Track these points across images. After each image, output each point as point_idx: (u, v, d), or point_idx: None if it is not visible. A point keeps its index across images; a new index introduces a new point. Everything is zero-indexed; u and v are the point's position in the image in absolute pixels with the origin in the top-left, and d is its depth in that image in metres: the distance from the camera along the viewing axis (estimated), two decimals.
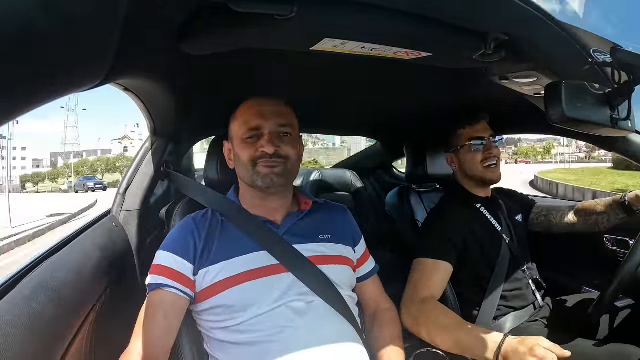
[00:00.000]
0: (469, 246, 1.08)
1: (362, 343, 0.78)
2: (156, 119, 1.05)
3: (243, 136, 0.80)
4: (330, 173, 2.12)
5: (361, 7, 0.59)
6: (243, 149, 0.80)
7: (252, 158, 0.79)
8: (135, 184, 1.07)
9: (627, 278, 0.90)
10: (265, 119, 0.79)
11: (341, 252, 0.85)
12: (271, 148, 0.77)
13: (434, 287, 0.98)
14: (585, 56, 0.70)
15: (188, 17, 0.62)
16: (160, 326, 0.71)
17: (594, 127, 0.72)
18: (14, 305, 0.53)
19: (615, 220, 1.09)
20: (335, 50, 0.71)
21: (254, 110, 0.81)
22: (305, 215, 0.85)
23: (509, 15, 0.61)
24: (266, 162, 0.78)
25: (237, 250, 0.76)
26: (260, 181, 0.78)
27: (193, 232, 0.78)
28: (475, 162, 1.15)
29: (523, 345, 0.72)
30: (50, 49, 0.30)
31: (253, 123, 0.79)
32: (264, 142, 0.78)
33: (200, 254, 0.75)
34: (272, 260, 0.76)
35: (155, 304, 0.72)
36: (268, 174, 0.78)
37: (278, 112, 0.81)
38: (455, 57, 0.75)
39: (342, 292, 0.79)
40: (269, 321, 0.71)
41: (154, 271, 0.74)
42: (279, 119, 0.80)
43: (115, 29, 0.42)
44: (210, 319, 0.75)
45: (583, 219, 1.15)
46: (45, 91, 0.32)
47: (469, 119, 1.17)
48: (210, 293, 0.73)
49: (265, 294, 0.73)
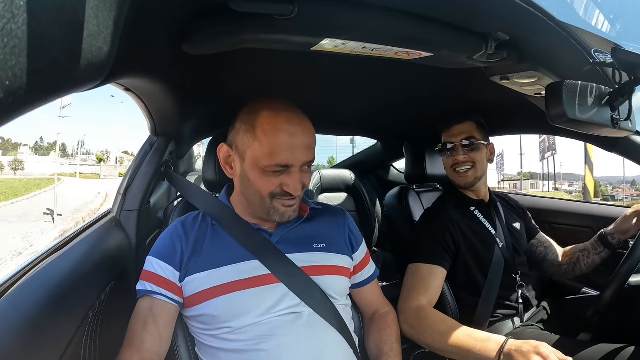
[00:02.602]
0: (460, 248, 1.08)
1: (354, 354, 0.77)
2: (157, 119, 1.05)
3: (266, 168, 0.71)
4: (331, 173, 2.12)
5: (362, 8, 0.59)
6: (262, 180, 0.72)
7: (272, 193, 0.73)
8: (136, 184, 1.07)
9: (627, 278, 0.90)
10: (295, 156, 0.70)
11: (336, 262, 0.82)
12: (298, 189, 0.73)
13: (429, 292, 0.98)
14: (586, 56, 0.70)
15: (189, 17, 0.62)
16: (152, 334, 0.70)
17: (595, 127, 0.73)
18: (14, 305, 0.53)
19: (595, 257, 1.11)
20: (335, 51, 0.71)
21: (284, 142, 0.69)
22: (301, 222, 0.83)
23: (510, 15, 0.61)
24: (286, 202, 0.74)
25: (226, 258, 0.74)
26: (277, 217, 0.75)
27: (180, 237, 0.76)
28: (447, 166, 1.19)
29: (527, 344, 0.73)
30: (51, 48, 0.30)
31: (282, 159, 0.70)
32: (290, 181, 0.72)
33: (187, 261, 0.74)
34: (264, 270, 0.74)
35: (144, 311, 0.72)
36: (286, 212, 0.75)
37: (309, 146, 0.73)
38: (457, 58, 0.75)
39: (335, 303, 0.78)
40: (256, 330, 0.70)
41: (143, 277, 0.74)
42: (308, 156, 0.72)
43: (116, 29, 0.42)
44: (197, 326, 0.75)
45: (568, 258, 1.18)
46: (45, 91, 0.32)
47: (445, 124, 1.19)
48: (196, 301, 0.72)
49: (255, 305, 0.71)
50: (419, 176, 1.45)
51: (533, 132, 1.45)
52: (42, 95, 0.32)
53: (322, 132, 1.93)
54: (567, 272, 1.17)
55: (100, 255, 0.81)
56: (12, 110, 0.28)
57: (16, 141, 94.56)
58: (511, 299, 1.07)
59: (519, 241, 1.17)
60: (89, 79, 0.41)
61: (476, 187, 1.16)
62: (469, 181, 1.14)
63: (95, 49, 0.38)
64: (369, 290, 0.91)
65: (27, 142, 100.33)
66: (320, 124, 1.67)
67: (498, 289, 1.05)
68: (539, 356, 0.69)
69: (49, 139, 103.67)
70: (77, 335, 0.61)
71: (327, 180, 2.08)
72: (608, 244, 1.08)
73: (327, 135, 2.07)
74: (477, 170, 1.13)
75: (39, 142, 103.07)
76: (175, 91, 0.92)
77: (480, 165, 1.13)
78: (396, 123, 1.69)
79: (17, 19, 0.25)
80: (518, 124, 1.43)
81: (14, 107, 0.28)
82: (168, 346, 0.73)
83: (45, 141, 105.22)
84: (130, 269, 0.94)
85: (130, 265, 0.95)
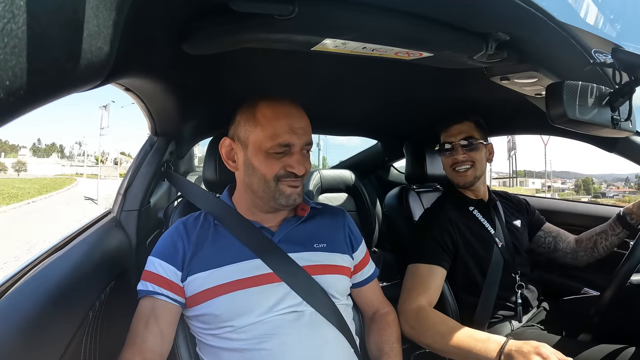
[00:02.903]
0: (458, 248, 1.07)
1: (355, 353, 0.77)
2: (157, 119, 1.05)
3: (269, 150, 0.74)
4: (331, 173, 2.12)
5: (362, 8, 0.58)
6: (266, 163, 0.75)
7: (276, 175, 0.75)
8: (136, 184, 1.07)
9: (627, 278, 0.90)
10: (297, 137, 0.75)
11: (337, 261, 0.82)
12: (302, 169, 0.75)
13: (429, 292, 0.98)
14: (586, 57, 0.70)
15: (189, 17, 0.62)
16: (154, 333, 0.71)
17: (595, 127, 0.73)
18: (14, 305, 0.53)
19: (614, 238, 1.10)
20: (336, 51, 0.71)
21: (284, 123, 0.74)
22: (301, 222, 0.83)
23: (510, 15, 0.61)
24: (291, 182, 0.76)
25: (228, 257, 0.75)
26: (283, 200, 0.76)
27: (182, 237, 0.77)
28: (447, 166, 1.19)
29: (528, 344, 0.73)
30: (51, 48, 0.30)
31: (284, 139, 0.74)
32: (293, 162, 0.75)
33: (189, 260, 0.75)
34: (266, 269, 0.74)
35: (146, 311, 0.72)
36: (292, 194, 0.77)
37: (306, 129, 0.77)
38: (457, 58, 0.75)
39: (336, 302, 0.78)
40: (258, 329, 0.70)
41: (144, 277, 0.74)
42: (308, 137, 0.77)
43: (116, 29, 0.42)
44: (199, 325, 0.75)
45: (584, 244, 1.17)
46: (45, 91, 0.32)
47: (444, 124, 1.19)
48: (198, 300, 0.73)
49: (257, 303, 0.72)
50: (419, 176, 1.45)
51: (533, 132, 1.45)
52: (42, 95, 0.32)
53: (322, 132, 1.93)
54: (584, 258, 1.16)
55: (100, 255, 0.81)
56: (12, 110, 0.28)
57: (13, 143, 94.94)
58: (510, 299, 1.07)
59: (519, 240, 1.17)
60: (89, 79, 0.41)
61: (475, 187, 1.16)
62: (469, 180, 1.14)
63: (95, 49, 0.37)
64: (369, 289, 0.91)
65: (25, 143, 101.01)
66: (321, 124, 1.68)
67: (497, 288, 1.05)
68: (540, 356, 0.69)
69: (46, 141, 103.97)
70: (77, 335, 0.61)
71: (327, 181, 2.08)
72: (627, 224, 1.07)
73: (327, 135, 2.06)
74: (477, 170, 1.13)
75: (36, 144, 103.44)
76: (175, 91, 0.92)
77: (480, 165, 1.14)
78: (396, 123, 1.69)
79: (17, 19, 0.25)
80: (518, 124, 1.43)
81: (14, 107, 0.28)
82: (170, 346, 0.74)
83: (43, 142, 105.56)
84: (130, 269, 0.94)
85: (130, 266, 0.95)
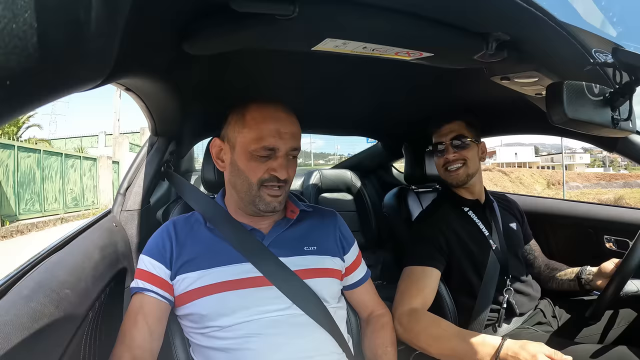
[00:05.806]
0: (452, 249, 1.07)
1: (347, 355, 0.77)
2: (157, 119, 1.05)
3: (254, 152, 0.74)
4: (331, 173, 2.12)
5: (363, 7, 0.58)
6: (249, 165, 0.75)
7: (260, 179, 0.75)
8: (136, 184, 1.07)
9: (627, 278, 0.90)
10: (282, 141, 0.75)
11: (327, 264, 0.82)
12: (284, 173, 0.75)
13: (423, 294, 0.97)
14: (587, 56, 0.70)
15: (190, 17, 0.62)
16: (142, 330, 0.71)
17: (595, 127, 0.72)
18: (13, 305, 0.52)
19: (564, 286, 1.12)
20: (336, 51, 0.70)
21: (270, 127, 0.74)
22: (291, 224, 0.83)
23: (510, 15, 0.61)
24: (272, 190, 0.76)
25: (219, 260, 0.75)
26: (262, 205, 0.76)
27: (170, 236, 0.77)
28: (439, 166, 1.18)
29: (524, 350, 0.71)
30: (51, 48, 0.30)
31: (269, 142, 0.74)
32: (276, 165, 0.75)
33: (176, 259, 0.75)
34: (256, 273, 0.75)
35: (136, 308, 0.73)
36: (271, 201, 0.76)
37: (294, 134, 0.77)
38: (457, 57, 0.75)
39: (327, 306, 0.78)
40: (245, 329, 0.71)
41: (136, 275, 0.76)
42: (294, 142, 0.77)
43: (116, 29, 0.42)
44: (188, 324, 0.76)
45: (549, 271, 1.20)
46: (46, 91, 0.32)
47: (435, 124, 1.19)
48: (186, 299, 0.73)
49: (244, 305, 0.72)
50: (418, 177, 1.45)
51: (533, 132, 1.45)
52: (42, 95, 0.32)
53: (322, 132, 1.93)
54: (543, 282, 1.20)
55: (100, 255, 0.81)
56: (12, 110, 0.28)
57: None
58: (498, 301, 1.06)
59: (515, 242, 1.16)
60: (89, 79, 0.41)
61: (469, 185, 1.15)
62: (461, 179, 1.13)
63: (96, 49, 0.37)
64: (363, 291, 0.91)
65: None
66: (321, 124, 1.68)
67: (494, 290, 1.04)
68: None
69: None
70: (77, 335, 0.60)
71: (327, 181, 2.07)
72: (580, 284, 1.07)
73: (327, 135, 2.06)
74: (469, 168, 1.13)
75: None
76: (175, 91, 0.92)
77: (472, 163, 1.13)
78: (396, 123, 1.69)
79: (17, 18, 0.25)
80: (518, 124, 1.43)
81: (14, 107, 0.28)
82: (160, 342, 0.74)
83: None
84: (130, 269, 0.94)
85: (130, 266, 0.94)
